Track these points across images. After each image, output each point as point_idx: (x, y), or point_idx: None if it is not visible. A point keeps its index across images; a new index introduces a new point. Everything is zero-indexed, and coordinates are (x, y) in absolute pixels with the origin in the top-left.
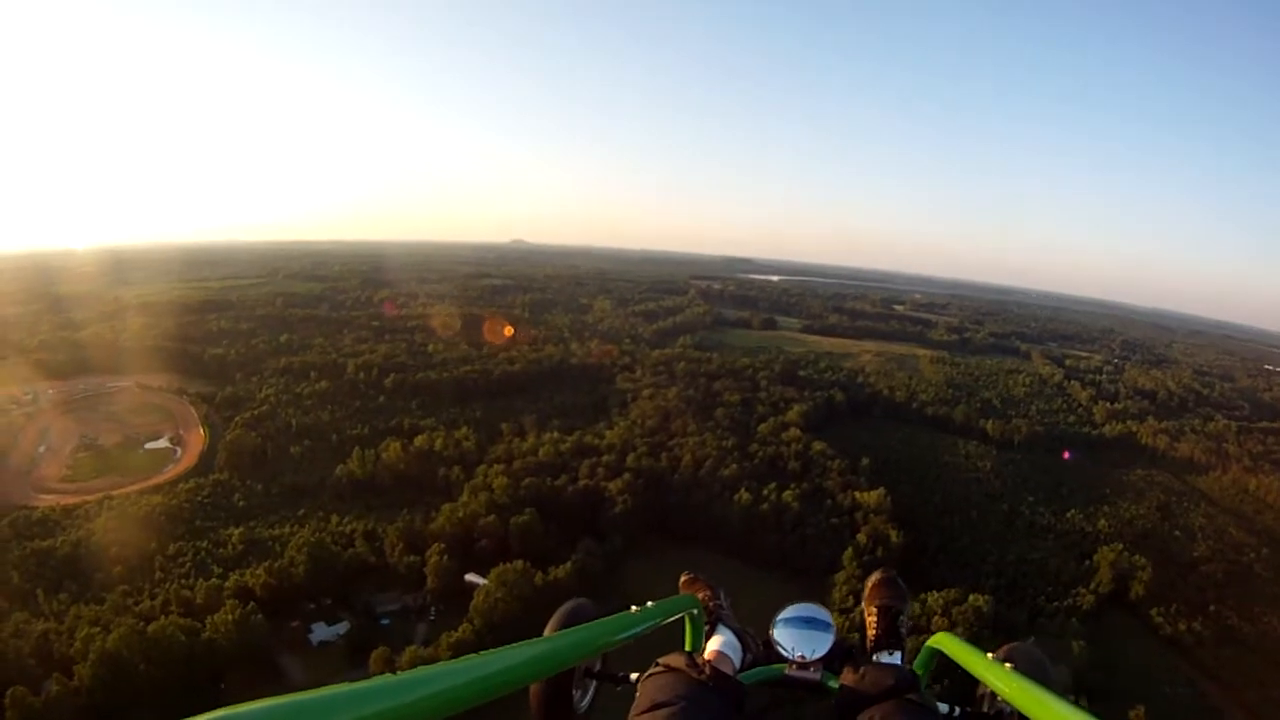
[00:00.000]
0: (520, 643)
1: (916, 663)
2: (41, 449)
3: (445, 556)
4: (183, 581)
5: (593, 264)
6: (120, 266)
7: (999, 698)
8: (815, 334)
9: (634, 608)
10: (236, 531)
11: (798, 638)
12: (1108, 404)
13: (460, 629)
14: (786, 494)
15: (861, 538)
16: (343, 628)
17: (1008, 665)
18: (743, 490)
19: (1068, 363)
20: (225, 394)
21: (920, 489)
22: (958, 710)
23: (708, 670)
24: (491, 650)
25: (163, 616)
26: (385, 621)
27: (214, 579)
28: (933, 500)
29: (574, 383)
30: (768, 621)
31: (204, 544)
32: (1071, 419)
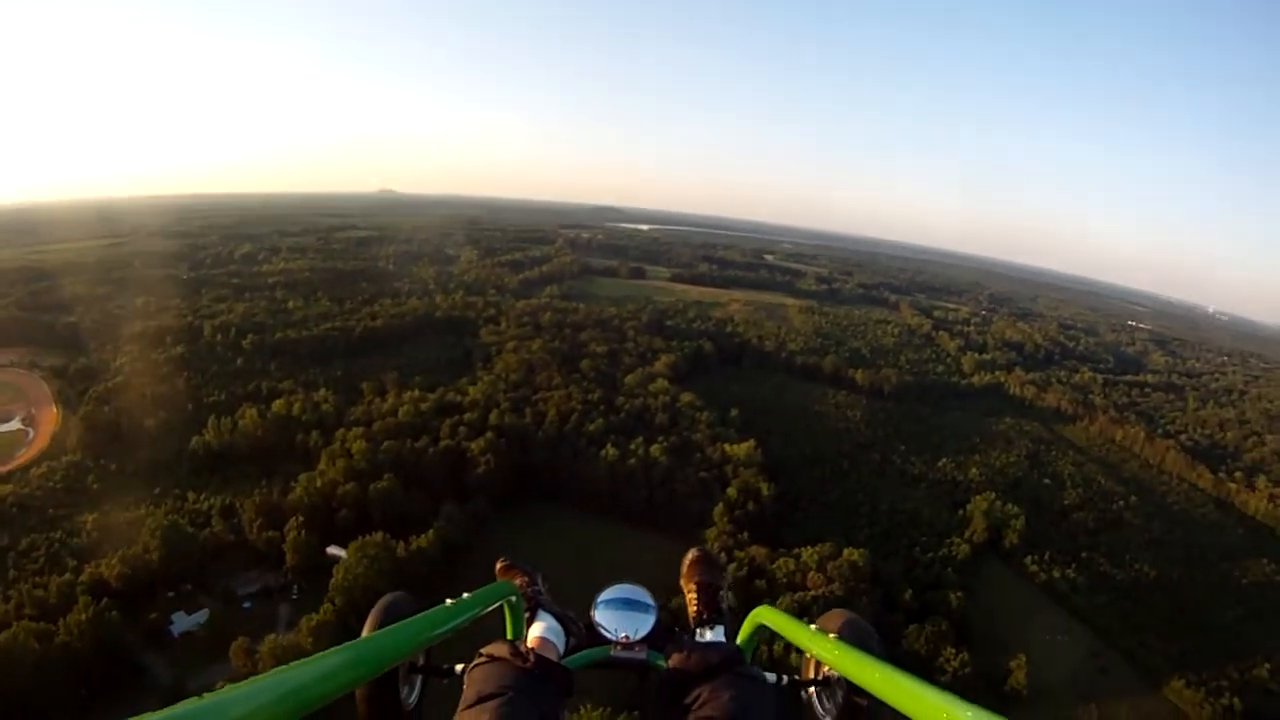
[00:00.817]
0: (338, 647)
1: (740, 637)
2: None
3: (303, 531)
4: (36, 579)
5: (462, 213)
6: None
7: (824, 665)
8: (684, 283)
9: (449, 600)
10: (91, 518)
11: (620, 619)
12: (976, 354)
13: (321, 610)
14: (654, 448)
15: (732, 492)
16: (203, 616)
17: (830, 634)
18: (609, 445)
19: (936, 314)
20: (79, 366)
21: (790, 440)
22: (785, 679)
23: (532, 658)
24: (307, 659)
25: (16, 624)
26: (248, 605)
27: (67, 574)
28: (803, 451)
29: (438, 337)
30: (587, 605)
31: (57, 534)
32: (940, 369)
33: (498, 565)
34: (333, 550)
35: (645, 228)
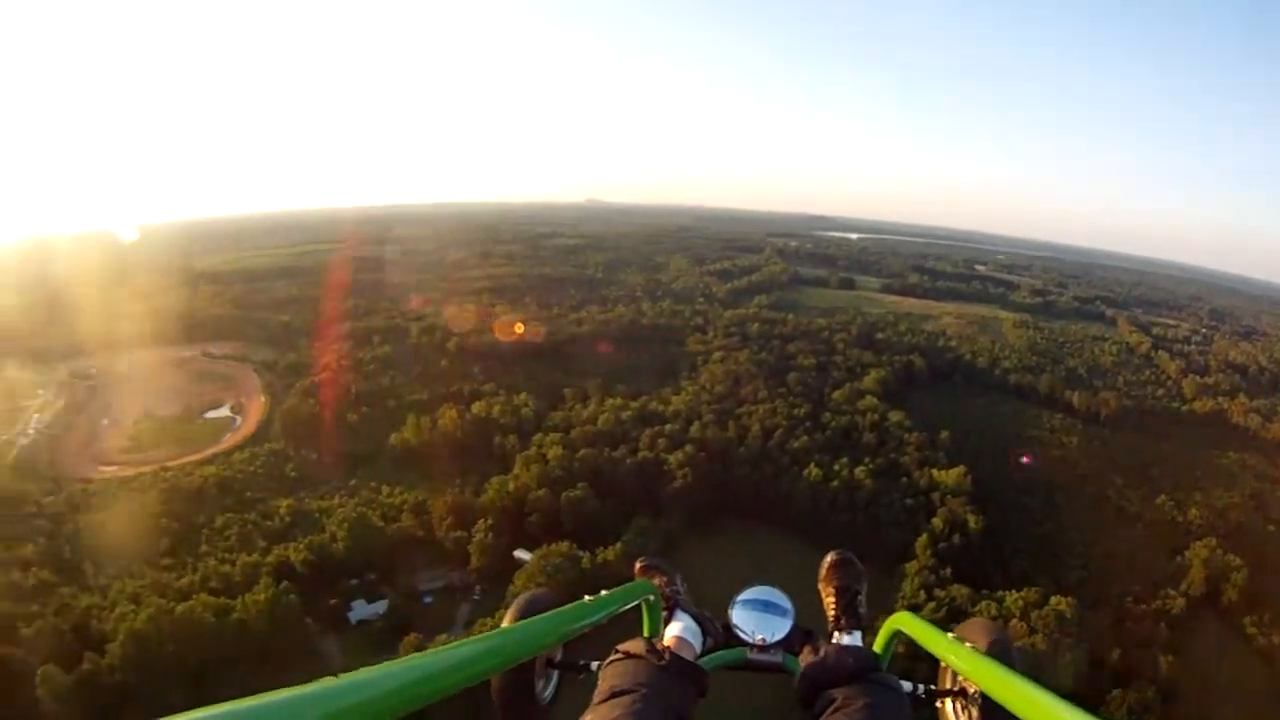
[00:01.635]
0: (478, 635)
1: (877, 643)
2: (105, 421)
3: (490, 534)
4: (225, 556)
5: (669, 222)
6: (198, 237)
7: (961, 676)
8: (895, 294)
9: (587, 597)
10: (285, 503)
11: (757, 621)
12: (1197, 378)
13: (496, 615)
14: (859, 470)
15: (938, 522)
16: (382, 606)
17: (968, 644)
18: (812, 465)
19: (1155, 331)
20: (288, 361)
21: (1001, 466)
22: (920, 688)
23: (668, 656)
24: (449, 644)
25: (196, 596)
26: (428, 600)
27: (255, 554)
28: (1015, 479)
29: (644, 345)
30: (725, 606)
31: (251, 516)
32: (1160, 393)
33: (637, 564)
34: (519, 554)
35: (854, 236)
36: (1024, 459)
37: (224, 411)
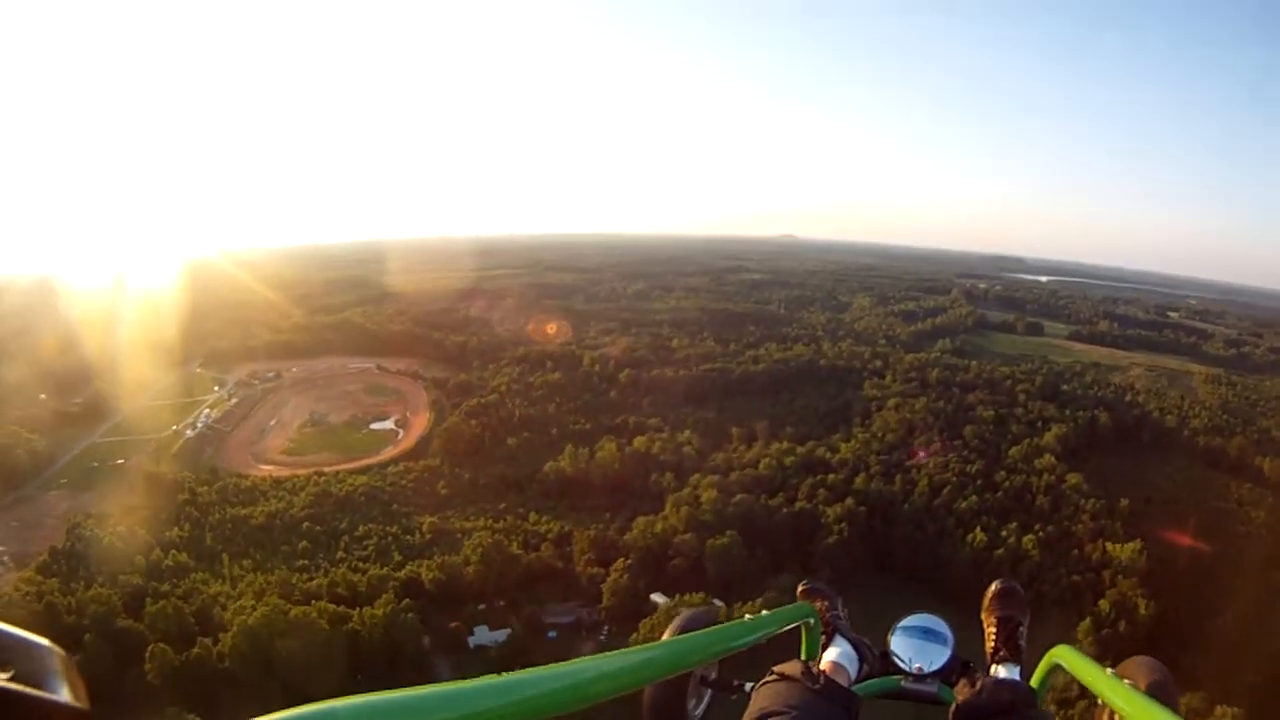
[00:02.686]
0: (636, 646)
1: (1035, 677)
2: (272, 422)
3: (627, 574)
4: (359, 565)
5: (858, 259)
6: (388, 256)
7: (1118, 716)
8: (1083, 342)
9: (748, 616)
10: (429, 520)
11: (915, 649)
12: None
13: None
14: (1027, 539)
15: (1104, 605)
16: (504, 635)
17: (1128, 682)
18: (979, 529)
19: None
20: (458, 380)
21: (1181, 543)
22: None
23: (822, 680)
24: (606, 653)
25: (315, 602)
26: (552, 634)
27: (386, 568)
28: (1195, 559)
29: (819, 386)
30: (885, 632)
31: (394, 529)
32: None
33: (799, 587)
34: (656, 597)
35: (1045, 279)
36: (1187, 538)
37: (388, 424)
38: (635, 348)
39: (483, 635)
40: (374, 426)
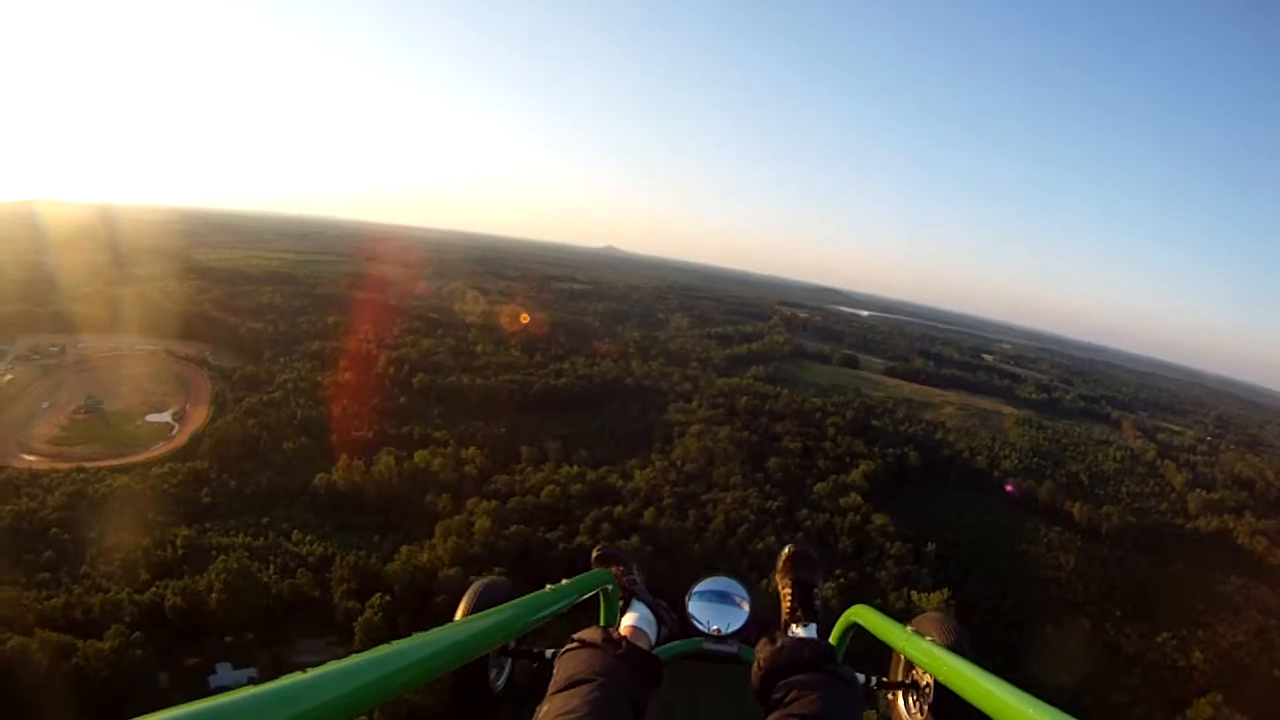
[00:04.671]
0: (439, 629)
1: (833, 635)
2: (45, 405)
3: (382, 612)
4: (104, 582)
5: (681, 278)
6: (205, 228)
7: (915, 668)
8: (898, 378)
9: (549, 586)
10: (184, 533)
11: (713, 611)
12: (1203, 492)
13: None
14: (828, 586)
15: None
16: (247, 675)
17: (926, 638)
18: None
19: (1160, 437)
20: (246, 372)
21: (990, 588)
22: (874, 679)
23: (624, 645)
24: (404, 640)
25: (49, 625)
26: None
27: (124, 592)
28: (1003, 606)
29: (623, 406)
30: (682, 595)
31: (146, 542)
32: (1164, 506)
33: (595, 553)
34: None
35: (865, 313)
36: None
37: (165, 417)
38: (435, 350)
39: (225, 675)
40: (150, 418)
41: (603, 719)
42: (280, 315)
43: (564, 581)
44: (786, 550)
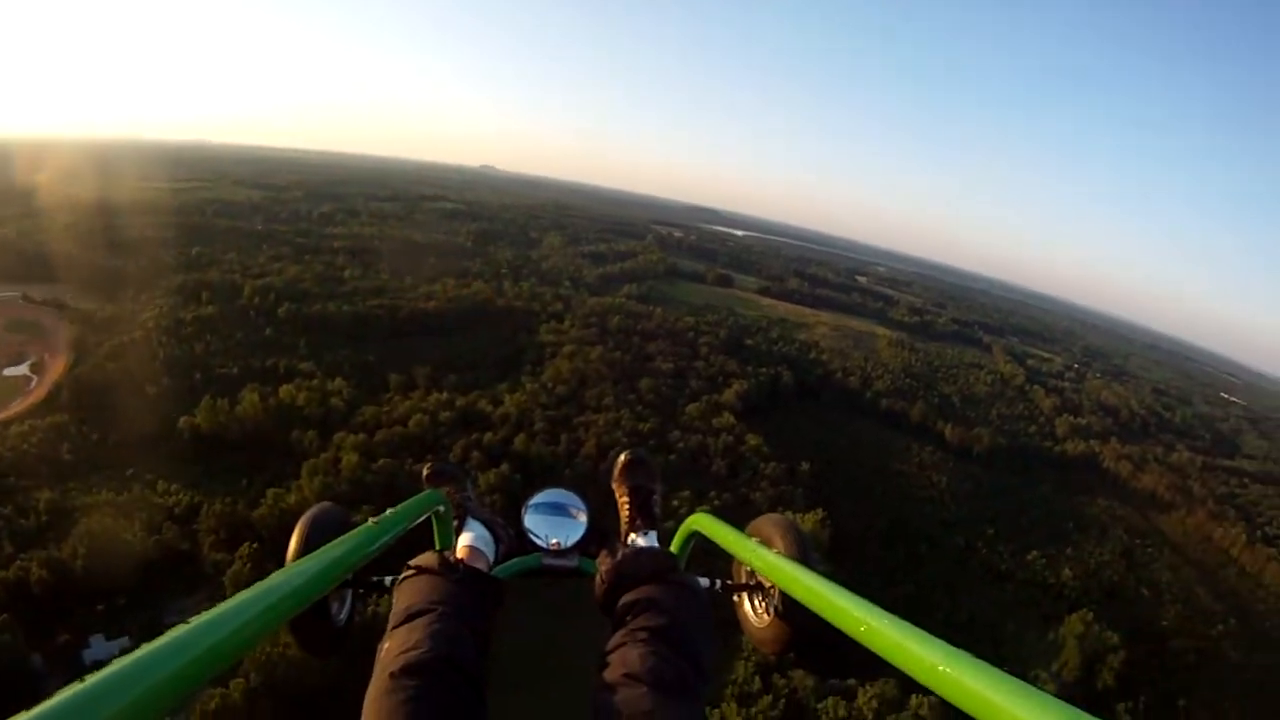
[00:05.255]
0: (270, 579)
1: (674, 544)
2: None
3: (250, 562)
4: None
5: (556, 197)
6: (64, 158)
7: (756, 574)
8: (772, 297)
9: (372, 520)
10: (45, 496)
11: (551, 524)
12: (1070, 417)
13: (233, 685)
14: (701, 508)
15: None
16: (122, 644)
17: (767, 545)
18: None
19: (1029, 363)
20: (106, 313)
21: (864, 509)
22: (718, 583)
23: (461, 569)
24: (244, 593)
25: None
26: None
27: None
28: (878, 526)
29: (494, 328)
30: (518, 510)
31: (7, 509)
32: (1033, 429)
33: (424, 471)
34: None
35: (740, 233)
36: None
37: (23, 369)
38: (302, 278)
39: (99, 647)
40: (6, 372)
41: (445, 650)
42: (144, 249)
43: (389, 511)
44: (622, 457)
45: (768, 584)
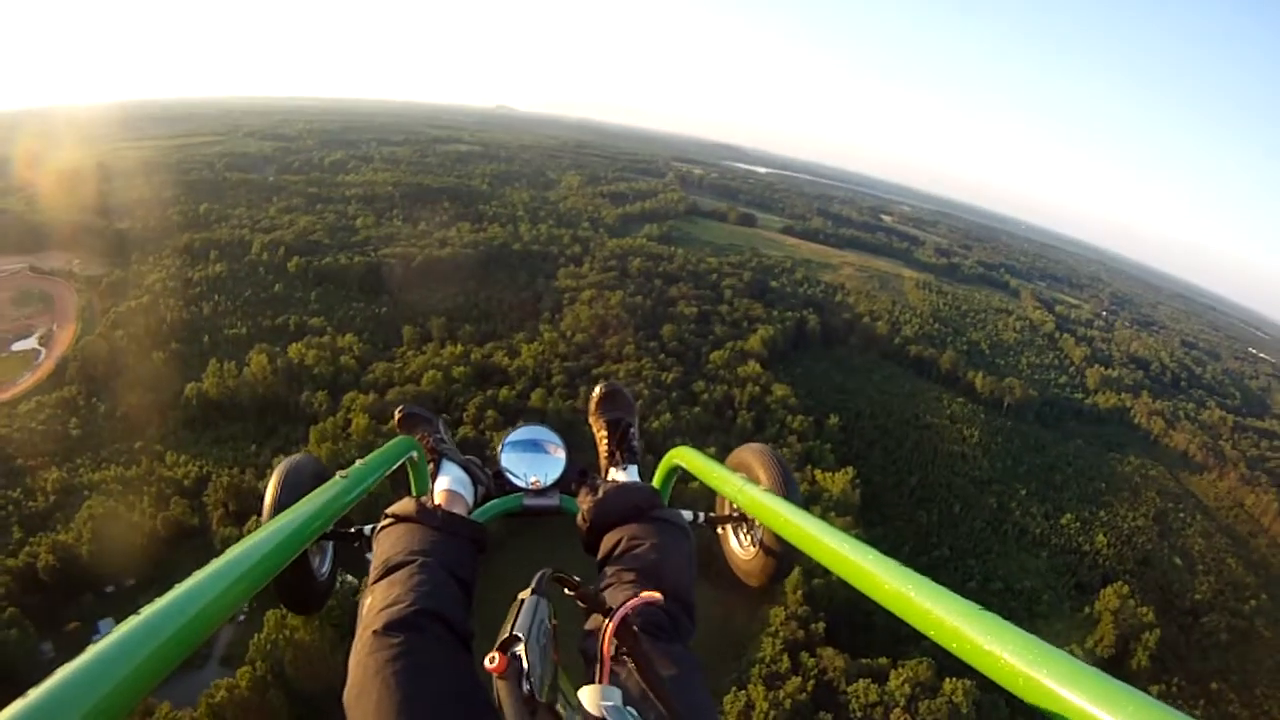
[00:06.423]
0: (249, 539)
1: (656, 478)
2: None
3: None
4: None
5: (574, 135)
6: (66, 126)
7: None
8: (796, 237)
9: (340, 474)
10: (54, 475)
11: (529, 462)
12: (1101, 368)
13: (239, 674)
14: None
15: None
16: None
17: (746, 479)
18: None
19: (1058, 309)
20: (113, 279)
21: (895, 466)
22: (701, 516)
23: (441, 515)
24: (225, 556)
25: None
26: None
27: None
28: (908, 484)
29: (511, 274)
30: (493, 450)
31: (15, 492)
32: (1063, 379)
33: (395, 416)
34: None
35: (762, 170)
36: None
37: (31, 343)
38: (313, 229)
39: (109, 631)
40: (15, 347)
41: (428, 603)
42: (149, 209)
43: (359, 462)
44: (598, 389)
45: (751, 516)
